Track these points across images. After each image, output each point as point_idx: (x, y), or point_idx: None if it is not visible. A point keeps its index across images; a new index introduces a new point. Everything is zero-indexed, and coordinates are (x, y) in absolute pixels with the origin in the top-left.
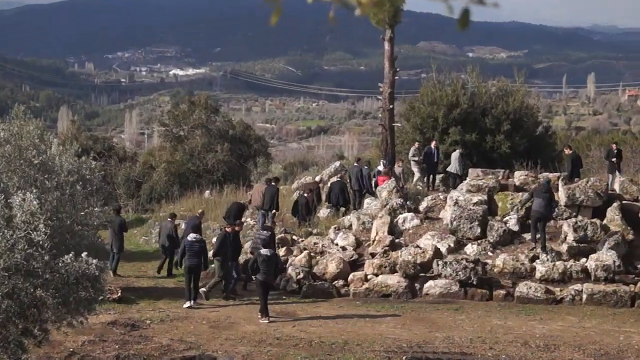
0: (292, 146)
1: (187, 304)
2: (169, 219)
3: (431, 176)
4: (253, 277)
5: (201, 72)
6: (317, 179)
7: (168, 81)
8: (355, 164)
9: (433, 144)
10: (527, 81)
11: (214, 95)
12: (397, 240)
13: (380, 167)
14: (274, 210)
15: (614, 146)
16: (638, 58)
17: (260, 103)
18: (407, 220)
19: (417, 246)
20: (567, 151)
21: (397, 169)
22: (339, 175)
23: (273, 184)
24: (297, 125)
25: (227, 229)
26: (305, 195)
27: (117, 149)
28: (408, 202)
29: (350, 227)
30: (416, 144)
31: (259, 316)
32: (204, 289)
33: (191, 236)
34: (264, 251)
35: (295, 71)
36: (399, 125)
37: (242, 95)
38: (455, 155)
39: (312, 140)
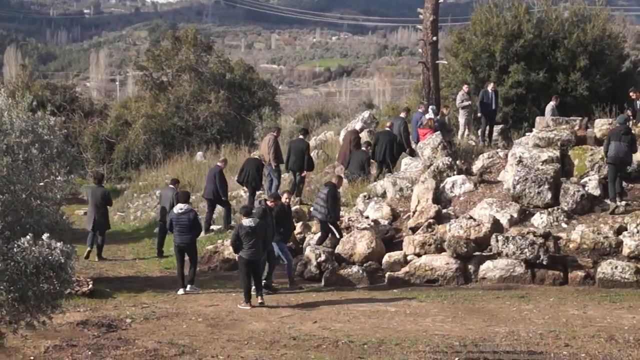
0: (307, 93)
1: (181, 291)
2: (170, 185)
3: (487, 128)
4: (236, 254)
5: None
6: (358, 127)
7: (145, 11)
8: (402, 115)
9: (490, 87)
10: (610, 2)
11: (205, 29)
12: (444, 211)
13: (430, 115)
14: (304, 173)
15: None
16: None
17: (265, 38)
18: (457, 185)
19: (471, 217)
20: (633, 95)
21: (444, 118)
22: (387, 124)
23: (302, 137)
24: (313, 66)
25: (268, 203)
26: (364, 149)
27: (82, 101)
28: (458, 162)
29: (384, 194)
30: (465, 87)
31: (242, 303)
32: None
33: (178, 207)
34: (246, 221)
35: None
36: (445, 62)
37: (241, 28)
38: (549, 108)
39: (332, 84)
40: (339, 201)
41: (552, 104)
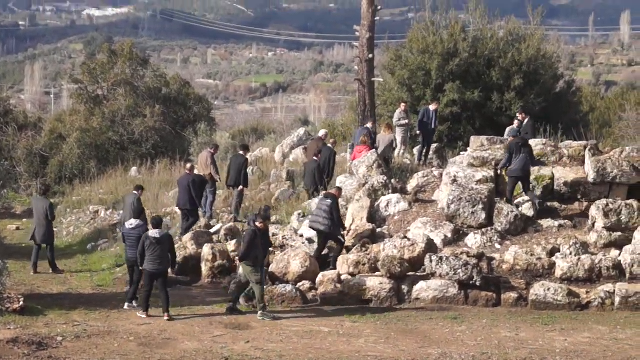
0: (242, 108)
1: (126, 305)
2: (134, 192)
3: (425, 147)
4: (141, 267)
5: (123, 12)
6: (322, 134)
7: (81, 24)
8: (368, 125)
9: (432, 106)
10: (544, 22)
11: (141, 43)
12: (379, 230)
13: (365, 131)
14: (240, 187)
15: None
16: None
17: (201, 52)
18: (392, 204)
19: (405, 237)
20: (520, 117)
21: (386, 136)
22: (332, 141)
23: (241, 152)
24: (249, 82)
25: (257, 224)
26: (315, 158)
27: (16, 114)
28: (393, 180)
29: None
30: (403, 105)
31: (139, 311)
32: (259, 312)
33: (129, 222)
34: (152, 232)
35: (245, 10)
36: (381, 80)
37: (177, 43)
38: (509, 130)
39: (268, 100)
40: (339, 212)
41: (514, 126)
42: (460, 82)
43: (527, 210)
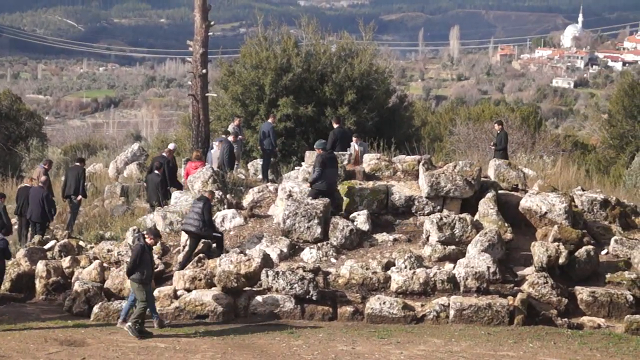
0: (74, 124)
1: None
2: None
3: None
4: None
5: None
6: (171, 147)
7: None
8: (229, 138)
9: (272, 119)
10: (375, 38)
11: None
12: (214, 246)
13: (216, 144)
14: (79, 197)
15: (497, 127)
16: (513, 7)
17: (31, 67)
18: (228, 219)
19: (241, 252)
20: (335, 125)
21: (218, 151)
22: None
23: (78, 164)
24: (80, 97)
25: (147, 240)
26: (157, 172)
27: None
28: (228, 196)
29: None
30: (236, 120)
31: None
32: (129, 323)
33: None
34: None
35: (76, 25)
36: (214, 95)
37: (6, 58)
38: (335, 132)
39: (100, 115)
40: (212, 215)
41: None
42: (293, 97)
43: (362, 224)
